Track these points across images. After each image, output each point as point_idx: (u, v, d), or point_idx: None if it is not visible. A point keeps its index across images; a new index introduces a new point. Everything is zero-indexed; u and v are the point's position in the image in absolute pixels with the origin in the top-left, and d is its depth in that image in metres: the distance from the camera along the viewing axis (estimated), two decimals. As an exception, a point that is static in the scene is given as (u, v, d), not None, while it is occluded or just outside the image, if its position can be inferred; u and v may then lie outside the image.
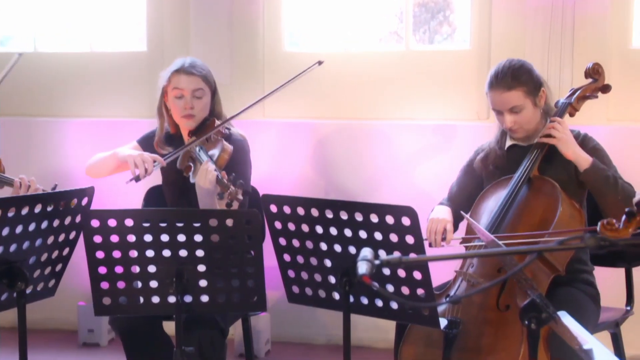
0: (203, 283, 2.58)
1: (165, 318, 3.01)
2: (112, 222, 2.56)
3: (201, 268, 2.56)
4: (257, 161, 3.29)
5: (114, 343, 4.36)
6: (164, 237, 2.54)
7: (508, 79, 2.91)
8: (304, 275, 2.59)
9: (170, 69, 3.25)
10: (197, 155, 3.09)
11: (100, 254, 2.59)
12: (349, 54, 4.42)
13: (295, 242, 2.56)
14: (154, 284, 2.59)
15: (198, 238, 2.53)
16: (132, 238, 2.56)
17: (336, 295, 2.54)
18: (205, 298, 2.60)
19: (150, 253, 2.56)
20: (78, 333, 4.43)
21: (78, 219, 2.66)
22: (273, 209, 2.56)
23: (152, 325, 3.00)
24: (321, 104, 4.41)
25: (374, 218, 2.38)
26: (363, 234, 2.41)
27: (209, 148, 3.11)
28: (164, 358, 2.94)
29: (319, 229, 2.49)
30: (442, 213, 3.03)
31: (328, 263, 2.51)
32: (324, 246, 2.50)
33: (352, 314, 2.48)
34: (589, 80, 3.09)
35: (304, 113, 4.42)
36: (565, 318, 2.05)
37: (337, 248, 2.47)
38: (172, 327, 2.60)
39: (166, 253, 2.55)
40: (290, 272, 2.62)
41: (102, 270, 2.60)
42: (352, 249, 2.44)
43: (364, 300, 2.51)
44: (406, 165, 4.23)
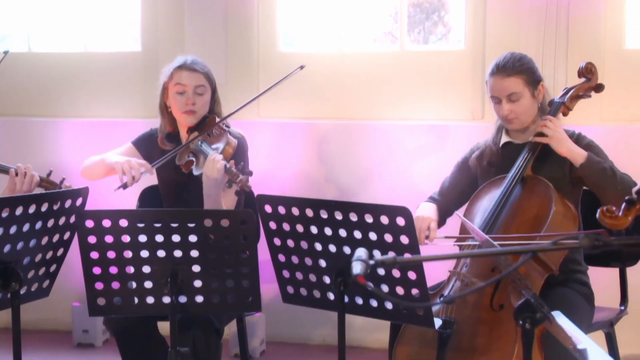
0: (198, 283, 2.58)
1: (160, 318, 3.00)
2: (106, 223, 2.55)
3: (196, 268, 2.56)
4: (252, 161, 3.29)
5: (109, 343, 4.36)
6: (159, 238, 2.53)
7: (509, 65, 2.95)
8: (299, 275, 2.59)
9: (171, 65, 3.26)
10: (201, 149, 3.11)
11: (94, 255, 2.58)
12: (344, 54, 4.42)
13: (290, 243, 2.56)
14: (148, 284, 2.59)
15: (193, 238, 2.53)
16: (126, 238, 2.56)
17: (331, 296, 2.54)
18: (200, 298, 2.60)
19: (144, 253, 2.56)
20: (72, 333, 4.42)
21: (72, 219, 2.66)
22: (268, 209, 2.56)
23: (147, 325, 3.00)
24: (316, 104, 4.41)
25: (369, 218, 2.38)
26: (358, 234, 2.41)
27: (212, 142, 3.14)
28: (159, 358, 2.94)
29: (314, 229, 2.49)
30: (427, 211, 3.03)
31: (323, 263, 2.51)
32: (318, 246, 2.50)
33: (347, 314, 2.48)
34: (582, 79, 3.10)
35: (298, 113, 4.42)
36: (560, 318, 2.05)
37: (332, 248, 2.47)
38: (167, 327, 2.60)
39: (161, 253, 2.55)
40: (285, 272, 2.62)
41: (97, 270, 2.59)
42: (346, 249, 2.44)
43: (359, 301, 2.51)
44: (401, 165, 4.24)
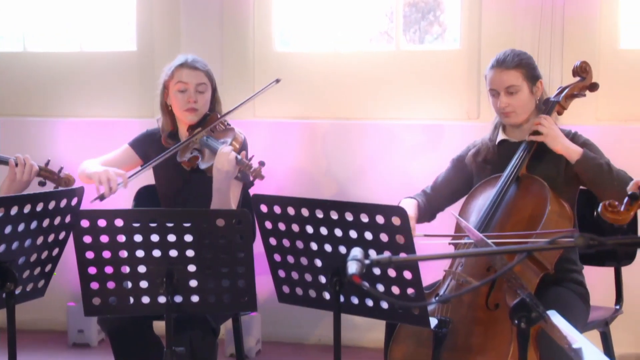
0: (193, 283, 2.57)
1: (156, 318, 3.00)
2: (101, 223, 2.55)
3: (191, 268, 2.56)
4: (248, 161, 3.30)
5: (104, 343, 4.35)
6: (154, 237, 2.53)
7: (509, 59, 2.98)
8: (295, 275, 2.59)
9: (172, 64, 3.28)
10: (207, 144, 3.13)
11: (90, 254, 2.58)
12: (339, 53, 4.42)
13: (286, 242, 2.56)
14: (144, 284, 2.59)
15: (188, 238, 2.53)
16: (122, 238, 2.55)
17: (327, 295, 2.54)
18: (195, 298, 2.59)
19: (140, 253, 2.56)
20: (68, 333, 4.42)
21: (68, 219, 2.65)
22: (263, 208, 2.55)
23: (141, 325, 2.99)
24: (311, 104, 4.41)
25: (365, 218, 2.38)
26: (353, 234, 2.41)
27: (218, 137, 3.17)
28: (153, 359, 2.94)
29: (310, 229, 2.48)
30: (407, 208, 3.02)
31: (318, 263, 2.51)
32: (314, 246, 2.50)
33: (343, 313, 2.48)
34: (577, 78, 3.11)
35: (294, 113, 4.42)
36: (555, 317, 2.05)
37: (328, 248, 2.47)
38: (163, 327, 2.59)
39: (156, 253, 2.55)
40: (281, 272, 2.62)
41: (92, 270, 2.59)
42: (342, 249, 2.44)
43: (355, 300, 2.51)
44: (397, 165, 4.24)
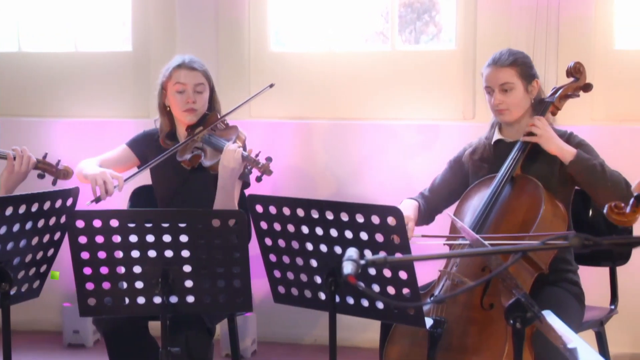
0: (189, 283, 2.57)
1: (151, 318, 3.00)
2: (97, 223, 2.55)
3: (187, 268, 2.56)
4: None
5: (100, 344, 4.35)
6: (150, 238, 2.53)
7: (505, 57, 3.00)
8: (290, 275, 2.59)
9: (170, 65, 3.28)
10: (210, 142, 3.15)
11: (85, 255, 2.58)
12: (335, 54, 4.42)
13: (281, 242, 2.56)
14: (139, 284, 2.58)
15: (184, 238, 2.53)
16: (117, 239, 2.55)
17: (322, 295, 2.54)
18: (191, 298, 2.59)
19: (135, 254, 2.55)
20: (63, 334, 4.41)
21: (63, 219, 2.65)
22: (259, 209, 2.55)
23: (137, 326, 2.99)
24: (307, 104, 4.41)
25: (360, 218, 2.38)
26: (349, 234, 2.41)
27: (221, 135, 3.19)
28: (149, 359, 2.94)
29: (305, 229, 2.48)
30: (407, 210, 3.03)
31: (314, 263, 2.51)
32: (309, 246, 2.50)
33: (338, 314, 2.48)
34: (571, 79, 3.11)
35: (289, 113, 4.42)
36: (550, 317, 2.05)
37: (323, 248, 2.47)
38: (158, 327, 2.59)
39: (152, 254, 2.54)
40: (276, 272, 2.62)
41: (87, 271, 2.59)
42: (338, 249, 2.44)
43: (350, 300, 2.51)
44: (393, 165, 4.24)
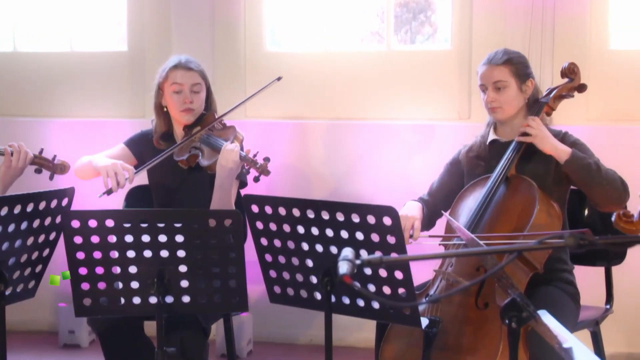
0: (184, 283, 2.57)
1: (147, 319, 3.00)
2: (92, 223, 2.54)
3: (182, 268, 2.56)
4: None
5: (95, 344, 4.34)
6: (145, 238, 2.53)
7: (500, 55, 3.03)
8: (286, 275, 2.59)
9: (166, 65, 3.28)
10: (208, 141, 3.16)
11: (80, 255, 2.57)
12: (330, 53, 4.42)
13: (277, 242, 2.56)
14: (135, 284, 2.58)
15: (179, 238, 2.52)
16: (112, 239, 2.55)
17: (318, 295, 2.54)
18: (186, 298, 2.59)
19: (131, 254, 2.55)
20: (58, 334, 4.41)
21: (58, 219, 2.65)
22: (254, 209, 2.55)
23: (132, 326, 2.99)
24: (302, 104, 4.41)
25: (356, 218, 2.38)
26: (344, 234, 2.42)
27: (219, 135, 3.19)
28: (143, 359, 2.94)
29: (301, 229, 2.48)
30: (412, 210, 3.03)
31: (310, 263, 2.51)
32: (305, 246, 2.50)
33: (334, 313, 2.48)
34: (565, 79, 3.12)
35: (285, 113, 4.42)
36: (546, 317, 2.06)
37: (319, 248, 2.47)
38: (154, 327, 2.59)
39: (147, 254, 2.54)
40: (272, 272, 2.61)
41: (83, 271, 2.58)
42: (333, 249, 2.44)
43: (346, 300, 2.51)
44: (388, 165, 4.24)
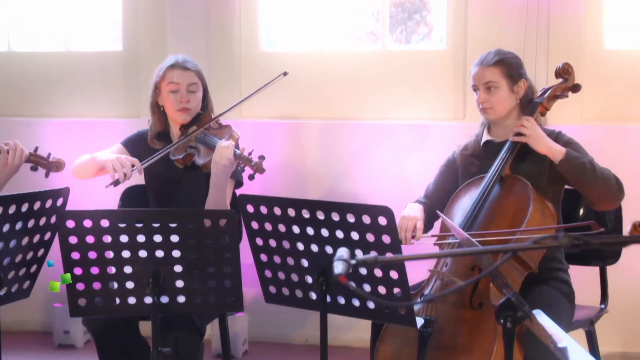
0: (180, 283, 2.57)
1: (142, 319, 2.99)
2: (87, 223, 2.54)
3: (178, 268, 2.56)
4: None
5: (90, 344, 4.33)
6: (140, 238, 2.53)
7: (491, 56, 3.03)
8: (281, 275, 2.59)
9: (163, 65, 3.30)
10: (204, 140, 3.17)
11: (75, 255, 2.57)
12: (326, 53, 4.42)
13: (272, 242, 2.56)
14: (130, 284, 2.58)
15: (174, 238, 2.52)
16: (107, 239, 2.55)
17: (313, 295, 2.54)
18: (181, 298, 2.59)
19: (126, 254, 2.55)
20: (53, 335, 4.40)
21: (53, 219, 2.64)
22: (250, 209, 2.55)
23: (128, 326, 2.99)
24: (297, 104, 4.41)
25: (351, 218, 2.38)
26: (340, 234, 2.42)
27: (215, 134, 3.20)
28: (138, 359, 2.94)
29: (296, 229, 2.49)
30: (414, 211, 3.04)
31: (305, 263, 2.51)
32: (300, 246, 2.50)
33: (329, 313, 2.48)
34: (560, 80, 3.13)
35: (280, 113, 4.42)
36: (540, 316, 2.06)
37: (314, 248, 2.47)
38: (149, 327, 2.59)
39: (142, 254, 2.54)
40: (267, 272, 2.62)
41: (78, 271, 2.58)
42: (328, 249, 2.44)
43: (341, 300, 2.51)
44: (384, 165, 4.24)
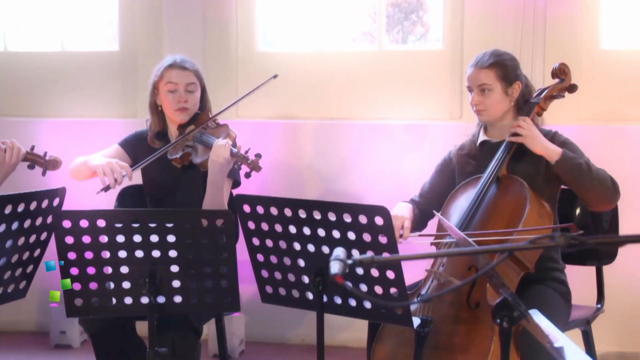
0: (176, 283, 2.57)
1: (138, 319, 2.99)
2: (84, 223, 2.54)
3: (174, 268, 2.56)
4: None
5: (87, 345, 4.33)
6: (137, 238, 2.53)
7: (486, 58, 3.02)
8: (278, 275, 2.59)
9: (161, 65, 3.30)
10: (201, 139, 3.17)
11: (72, 255, 2.57)
12: (322, 53, 4.42)
13: (269, 242, 2.56)
14: (126, 284, 2.58)
15: (171, 238, 2.52)
16: (104, 239, 2.55)
17: (310, 295, 2.54)
18: (178, 299, 2.59)
19: (122, 254, 2.55)
20: (50, 335, 4.39)
21: (49, 219, 2.64)
22: (246, 209, 2.55)
23: (124, 326, 2.99)
24: (294, 104, 4.41)
25: (347, 218, 2.38)
26: (336, 234, 2.42)
27: (213, 133, 3.20)
28: (135, 359, 2.93)
29: (293, 229, 2.48)
30: (402, 210, 3.05)
31: (301, 263, 2.51)
32: (297, 246, 2.50)
33: (326, 313, 2.48)
34: (556, 80, 3.13)
35: (277, 113, 4.42)
36: (537, 316, 2.06)
37: (311, 248, 2.47)
38: (145, 327, 2.59)
39: (139, 254, 2.54)
40: (264, 272, 2.61)
41: (74, 271, 2.58)
42: (325, 249, 2.44)
43: (338, 300, 2.51)
44: (381, 165, 4.25)
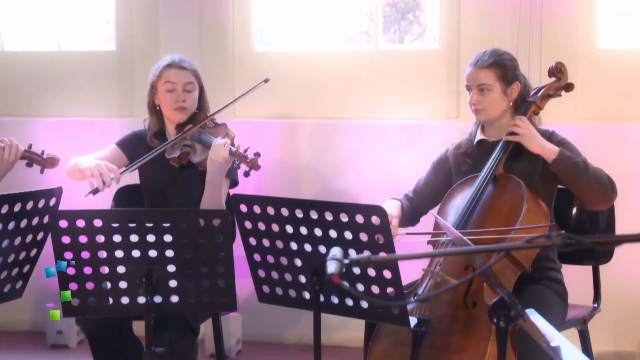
0: (173, 283, 2.57)
1: (135, 318, 2.99)
2: (80, 223, 2.54)
3: (171, 268, 2.55)
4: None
5: (83, 344, 4.33)
6: (133, 238, 2.53)
7: (486, 57, 3.02)
8: (275, 274, 2.59)
9: (159, 64, 3.30)
10: (200, 139, 3.17)
11: (68, 255, 2.57)
12: (319, 53, 4.42)
13: (266, 242, 2.56)
14: (123, 284, 2.58)
15: (168, 238, 2.52)
16: (101, 239, 2.54)
17: (306, 295, 2.54)
18: (175, 298, 2.59)
19: (119, 254, 2.55)
20: (46, 335, 4.39)
21: (46, 219, 2.63)
22: (243, 208, 2.55)
23: (121, 326, 2.98)
24: (291, 103, 4.41)
25: (344, 217, 2.39)
26: (333, 234, 2.42)
27: (211, 132, 3.21)
28: (132, 359, 2.93)
29: (289, 229, 2.49)
30: (390, 208, 3.06)
31: (298, 262, 2.51)
32: (294, 246, 2.50)
33: (323, 313, 2.48)
34: (553, 79, 3.13)
35: (273, 113, 4.42)
36: (533, 315, 2.06)
37: (308, 247, 2.47)
38: (142, 327, 2.58)
39: (135, 253, 2.54)
40: (261, 272, 2.62)
41: (71, 271, 2.58)
42: (322, 249, 2.44)
43: (335, 300, 2.52)
44: (377, 165, 4.25)
